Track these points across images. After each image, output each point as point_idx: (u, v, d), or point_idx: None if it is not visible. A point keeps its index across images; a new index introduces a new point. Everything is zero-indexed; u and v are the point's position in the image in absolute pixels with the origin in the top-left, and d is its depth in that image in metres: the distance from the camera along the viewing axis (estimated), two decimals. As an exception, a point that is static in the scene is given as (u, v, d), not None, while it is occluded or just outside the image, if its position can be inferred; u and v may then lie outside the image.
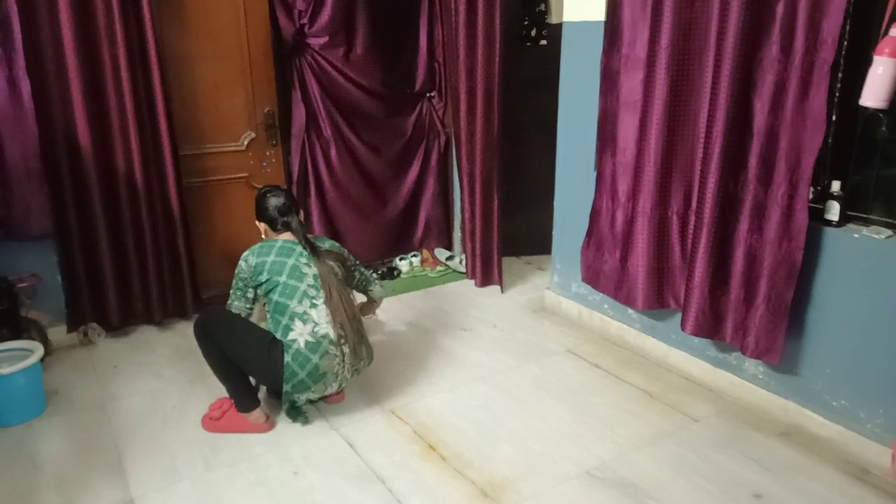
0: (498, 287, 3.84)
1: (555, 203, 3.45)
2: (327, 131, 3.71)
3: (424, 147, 4.11)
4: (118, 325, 3.25)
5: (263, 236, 2.62)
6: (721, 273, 2.53)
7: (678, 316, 2.74)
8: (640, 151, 2.75)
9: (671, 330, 2.93)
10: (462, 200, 3.81)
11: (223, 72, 3.38)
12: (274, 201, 2.54)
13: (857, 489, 2.17)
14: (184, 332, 3.36)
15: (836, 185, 2.27)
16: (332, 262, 2.52)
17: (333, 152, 3.75)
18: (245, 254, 2.50)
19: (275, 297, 2.41)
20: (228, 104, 3.43)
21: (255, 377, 2.54)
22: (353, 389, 2.79)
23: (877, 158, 2.22)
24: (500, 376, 2.90)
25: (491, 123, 3.57)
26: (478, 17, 3.39)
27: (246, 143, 3.53)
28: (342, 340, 2.42)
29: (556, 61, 3.26)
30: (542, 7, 3.99)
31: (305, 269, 2.45)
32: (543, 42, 4.02)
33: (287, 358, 2.36)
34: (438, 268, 4.15)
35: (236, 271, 2.51)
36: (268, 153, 3.60)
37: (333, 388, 2.50)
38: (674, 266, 2.80)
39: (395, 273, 4.05)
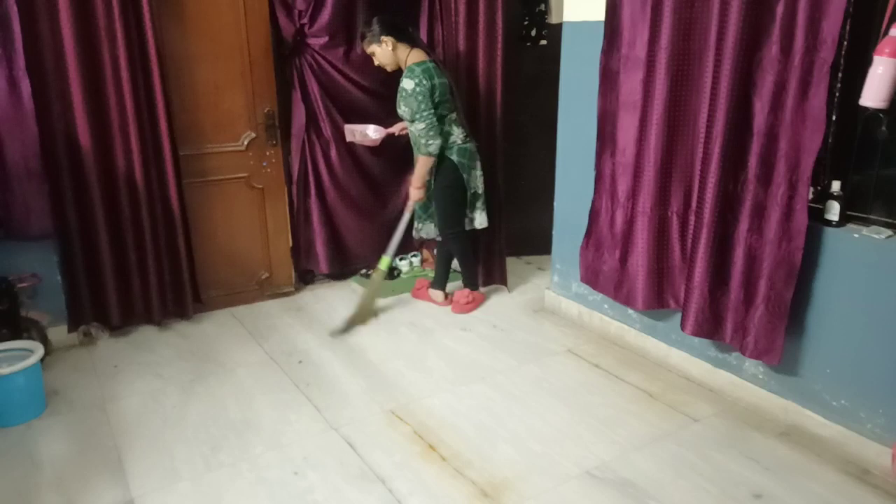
0: (498, 287, 3.84)
1: (555, 203, 3.46)
2: (327, 131, 3.70)
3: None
4: (118, 325, 3.25)
5: (392, 50, 3.18)
6: (721, 273, 2.53)
7: (678, 316, 2.74)
8: (640, 151, 2.75)
9: (671, 330, 2.93)
10: (462, 200, 3.82)
11: (223, 72, 3.38)
12: (388, 17, 3.20)
13: (857, 489, 2.17)
14: (184, 332, 3.36)
15: (836, 185, 2.27)
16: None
17: (333, 152, 3.75)
18: (415, 80, 3.05)
19: (438, 111, 3.14)
20: (228, 104, 3.43)
21: (449, 212, 3.37)
22: (353, 389, 2.80)
23: (877, 158, 2.22)
24: (500, 376, 2.90)
25: (491, 123, 3.57)
26: (478, 17, 3.39)
27: (246, 143, 3.53)
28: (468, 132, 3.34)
29: (556, 61, 3.26)
30: (542, 7, 3.99)
31: (448, 84, 3.19)
32: (543, 42, 4.02)
33: (454, 157, 3.24)
34: (438, 268, 4.15)
35: (421, 100, 3.05)
36: (268, 153, 3.60)
37: (478, 169, 3.39)
38: (673, 266, 2.80)
39: (395, 273, 4.05)
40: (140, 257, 3.20)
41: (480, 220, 3.48)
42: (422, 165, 3.22)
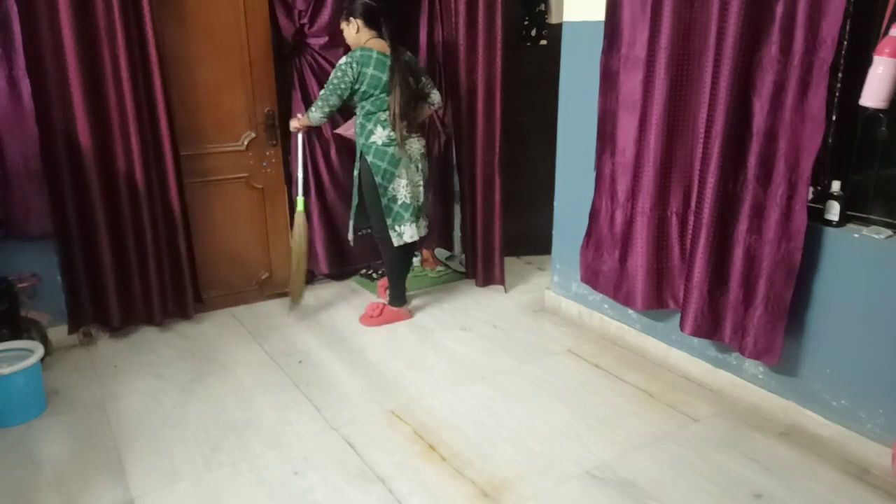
0: (498, 287, 3.84)
1: (555, 203, 3.46)
2: (327, 131, 3.70)
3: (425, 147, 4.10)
4: (118, 326, 3.25)
5: (356, 32, 3.12)
6: (720, 273, 2.53)
7: (678, 316, 2.74)
8: (640, 151, 2.75)
9: (671, 330, 2.93)
10: (462, 200, 3.81)
11: (223, 72, 3.37)
12: (370, 4, 3.12)
13: (857, 489, 2.17)
14: (184, 332, 3.36)
15: (836, 185, 2.27)
16: (409, 77, 3.12)
17: (333, 152, 3.75)
18: (347, 60, 3.03)
19: (367, 105, 3.10)
20: (228, 104, 3.43)
21: (378, 213, 3.25)
22: (353, 389, 2.80)
23: (877, 158, 2.22)
24: (500, 376, 2.90)
25: (491, 123, 3.57)
26: (478, 17, 3.39)
27: (246, 143, 3.53)
28: (403, 136, 3.14)
29: (556, 61, 3.26)
30: (542, 7, 4.00)
31: (385, 81, 3.06)
32: (543, 42, 4.02)
33: (369, 158, 3.13)
34: (438, 268, 4.15)
35: (339, 75, 3.03)
36: (268, 153, 3.60)
37: (414, 172, 3.23)
38: (673, 266, 2.80)
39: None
40: (140, 257, 3.20)
41: (410, 233, 3.31)
42: (303, 119, 3.26)
